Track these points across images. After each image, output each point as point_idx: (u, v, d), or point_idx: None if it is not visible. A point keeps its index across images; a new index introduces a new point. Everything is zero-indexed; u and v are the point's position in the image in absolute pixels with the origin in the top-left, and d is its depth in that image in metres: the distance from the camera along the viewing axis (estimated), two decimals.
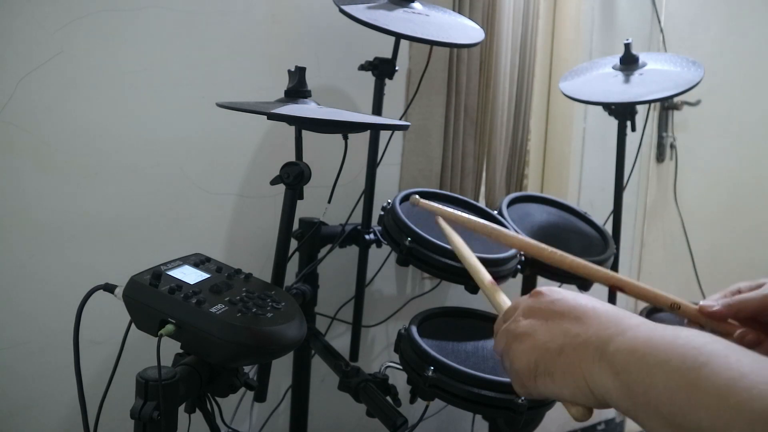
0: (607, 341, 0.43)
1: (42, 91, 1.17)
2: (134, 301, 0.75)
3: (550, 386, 0.47)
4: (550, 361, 0.47)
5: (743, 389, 0.33)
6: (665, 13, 2.15)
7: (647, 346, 0.40)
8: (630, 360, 0.41)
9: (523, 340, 0.50)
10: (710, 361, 0.36)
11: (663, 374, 0.38)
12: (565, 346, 0.46)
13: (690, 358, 0.37)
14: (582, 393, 0.45)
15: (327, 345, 1.25)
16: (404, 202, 1.28)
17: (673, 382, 0.37)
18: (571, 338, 0.46)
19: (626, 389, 0.40)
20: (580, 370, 0.44)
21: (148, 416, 0.69)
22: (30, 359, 1.21)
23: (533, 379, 0.48)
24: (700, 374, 0.36)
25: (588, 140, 2.04)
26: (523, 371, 0.49)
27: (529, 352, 0.49)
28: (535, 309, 0.51)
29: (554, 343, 0.47)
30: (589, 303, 0.48)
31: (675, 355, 0.38)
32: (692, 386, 0.36)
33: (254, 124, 1.40)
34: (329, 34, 1.47)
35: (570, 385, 0.45)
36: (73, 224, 1.23)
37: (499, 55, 1.75)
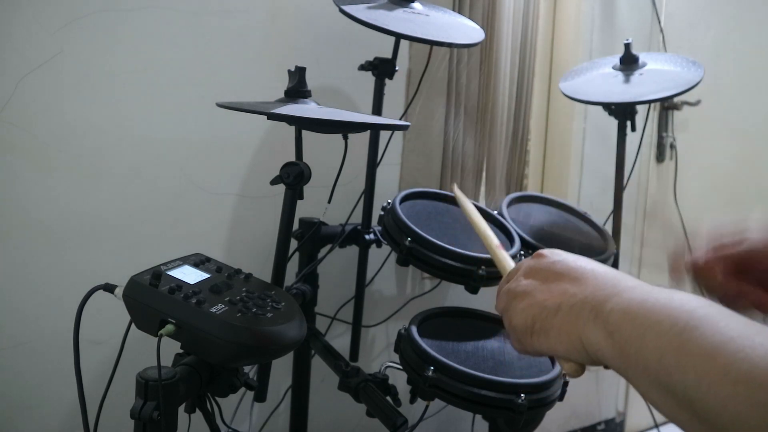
0: (602, 301, 0.44)
1: (42, 91, 1.17)
2: (134, 301, 0.75)
3: (545, 343, 0.49)
4: (546, 319, 0.48)
5: (730, 352, 0.34)
6: (665, 13, 2.15)
7: (641, 307, 0.41)
8: (623, 320, 0.41)
9: (522, 299, 0.51)
10: (700, 324, 0.36)
11: (654, 335, 0.39)
12: (562, 305, 0.47)
13: (681, 320, 0.38)
14: (576, 350, 0.46)
15: (327, 345, 1.25)
16: (404, 202, 1.28)
17: (662, 343, 0.38)
18: (568, 297, 0.47)
19: (618, 349, 0.41)
20: (575, 329, 0.46)
21: (148, 416, 0.69)
22: (30, 359, 1.21)
23: (529, 335, 0.50)
24: (689, 337, 0.36)
25: (588, 140, 2.04)
26: (520, 328, 0.51)
27: (527, 309, 0.50)
28: (535, 269, 0.52)
29: (552, 301, 0.48)
30: (589, 265, 0.50)
31: (666, 317, 0.39)
32: (681, 348, 0.36)
33: (254, 124, 1.40)
34: (329, 34, 1.47)
35: (564, 342, 0.47)
36: (73, 224, 1.23)
37: (499, 55, 1.75)
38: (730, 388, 0.33)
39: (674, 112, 2.25)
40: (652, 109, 2.15)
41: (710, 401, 0.34)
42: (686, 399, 0.35)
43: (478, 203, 1.39)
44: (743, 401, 0.32)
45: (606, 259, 1.37)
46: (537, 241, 1.32)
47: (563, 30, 2.04)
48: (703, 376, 0.34)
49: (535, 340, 0.49)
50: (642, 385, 0.40)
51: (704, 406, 0.34)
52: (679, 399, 0.36)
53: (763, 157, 2.54)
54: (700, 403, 0.34)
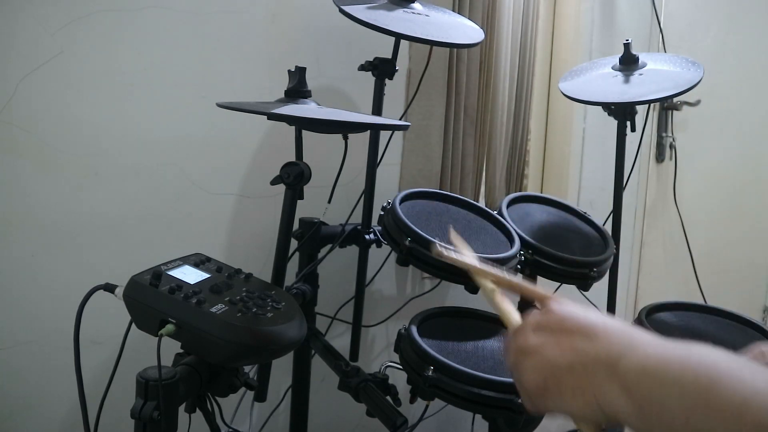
0: (617, 359, 0.43)
1: (42, 91, 1.17)
2: (134, 301, 0.76)
3: (560, 404, 0.47)
4: (559, 379, 0.47)
5: (759, 407, 0.33)
6: (665, 14, 2.15)
7: (659, 363, 0.40)
8: (642, 378, 0.41)
9: (531, 357, 0.49)
10: (724, 377, 0.36)
11: (677, 393, 0.38)
12: (574, 364, 0.46)
13: (703, 375, 0.37)
14: (592, 411, 0.45)
15: (327, 345, 1.25)
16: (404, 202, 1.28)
17: (688, 400, 0.37)
18: (581, 356, 0.46)
19: (639, 408, 0.40)
20: (590, 389, 0.44)
21: (148, 416, 0.69)
22: (30, 359, 1.21)
23: (542, 396, 0.48)
24: (715, 394, 0.36)
25: (588, 140, 2.04)
26: (532, 388, 0.49)
27: (538, 369, 0.48)
28: (543, 325, 0.50)
29: (564, 360, 0.47)
30: (599, 319, 0.48)
31: (688, 373, 0.38)
32: (707, 405, 0.36)
33: (254, 124, 1.40)
34: (329, 34, 1.47)
35: (580, 403, 0.45)
36: (73, 224, 1.23)
37: (499, 55, 1.75)
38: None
39: (674, 113, 2.25)
40: (651, 110, 2.15)
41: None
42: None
43: (477, 203, 1.39)
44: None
45: (606, 259, 1.37)
46: (537, 241, 1.32)
47: (563, 30, 2.04)
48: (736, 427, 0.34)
49: (549, 400, 0.48)
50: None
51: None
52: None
53: (762, 157, 2.54)
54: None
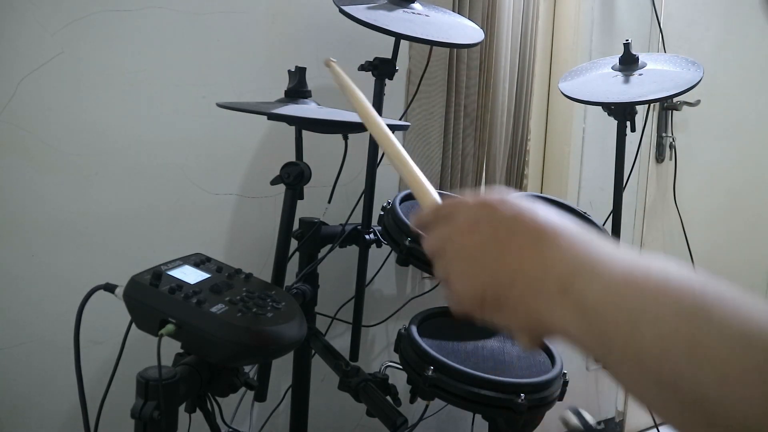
0: (574, 273, 0.36)
1: (43, 91, 1.17)
2: (135, 301, 0.76)
3: (498, 317, 0.41)
4: (499, 293, 0.40)
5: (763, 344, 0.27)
6: (664, 14, 2.15)
7: (628, 280, 0.33)
8: (605, 298, 0.33)
9: (468, 262, 0.42)
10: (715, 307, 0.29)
11: (650, 322, 0.31)
12: (517, 278, 0.38)
13: (688, 301, 0.30)
14: (532, 327, 0.39)
15: (327, 345, 1.25)
16: (404, 202, 1.28)
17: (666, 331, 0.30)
18: (526, 268, 0.38)
19: (597, 332, 0.34)
20: (534, 305, 0.38)
21: (148, 416, 0.69)
22: (31, 359, 1.21)
23: (479, 306, 0.41)
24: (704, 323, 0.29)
25: (588, 140, 2.04)
26: (467, 297, 0.42)
27: (475, 278, 0.41)
28: (483, 222, 0.42)
29: (506, 272, 0.39)
30: (550, 221, 0.39)
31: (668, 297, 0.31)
32: (694, 339, 0.29)
33: (254, 125, 1.40)
34: (329, 34, 1.47)
35: (522, 320, 0.39)
36: (73, 224, 1.23)
37: (499, 55, 1.75)
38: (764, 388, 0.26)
39: (673, 113, 2.25)
40: (651, 110, 2.15)
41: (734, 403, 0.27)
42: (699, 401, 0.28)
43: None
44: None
45: None
46: None
47: (563, 30, 2.04)
48: (726, 374, 0.27)
49: (486, 312, 0.41)
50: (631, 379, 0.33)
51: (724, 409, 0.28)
52: (686, 399, 0.29)
53: (761, 157, 2.54)
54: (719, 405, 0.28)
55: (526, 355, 1.18)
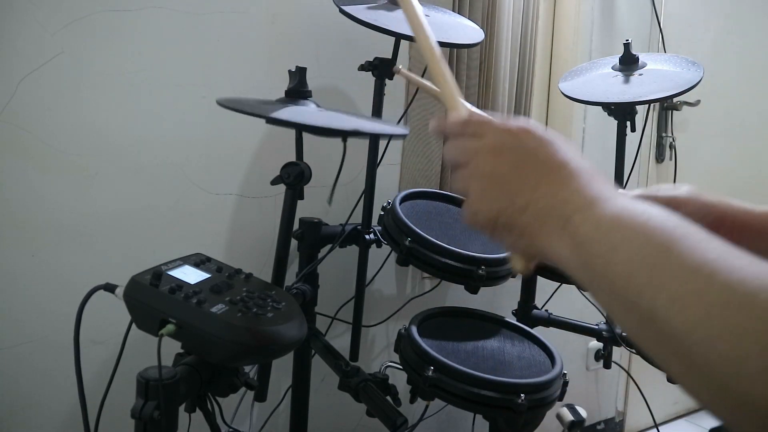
0: (574, 210, 0.42)
1: (42, 91, 1.17)
2: (135, 301, 0.76)
3: (506, 237, 0.47)
4: (511, 217, 0.45)
5: (706, 275, 0.33)
6: (664, 14, 2.15)
7: (614, 222, 0.39)
8: (594, 233, 0.40)
9: (488, 183, 0.47)
10: (678, 244, 0.35)
11: (626, 252, 0.37)
12: (530, 204, 0.44)
13: (657, 239, 0.36)
14: (534, 252, 0.45)
15: (327, 345, 1.25)
16: (404, 202, 1.28)
17: (635, 260, 0.36)
18: (539, 197, 0.44)
19: (584, 262, 0.40)
20: (539, 234, 0.44)
21: (148, 416, 0.69)
22: (30, 359, 1.21)
23: (491, 227, 0.47)
24: (666, 256, 0.35)
25: (588, 140, 2.04)
26: (482, 216, 0.47)
27: (493, 200, 0.46)
28: (508, 149, 0.47)
29: (521, 198, 0.45)
30: (572, 159, 0.45)
31: (642, 234, 0.37)
32: (655, 267, 0.35)
33: (255, 125, 1.40)
34: (329, 34, 1.47)
35: (525, 244, 0.45)
36: (73, 224, 1.23)
37: (499, 55, 1.75)
38: (703, 311, 0.32)
39: (674, 113, 2.25)
40: (651, 110, 2.15)
41: (680, 323, 0.33)
42: (652, 318, 0.34)
43: None
44: (717, 325, 0.31)
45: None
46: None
47: (563, 30, 2.04)
48: (676, 297, 0.33)
49: (497, 233, 0.47)
50: (605, 300, 0.39)
51: (672, 327, 0.33)
52: (644, 317, 0.35)
53: (762, 157, 2.54)
54: (669, 323, 0.33)
55: (526, 355, 1.19)
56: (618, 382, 2.29)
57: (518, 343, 1.24)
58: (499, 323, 1.31)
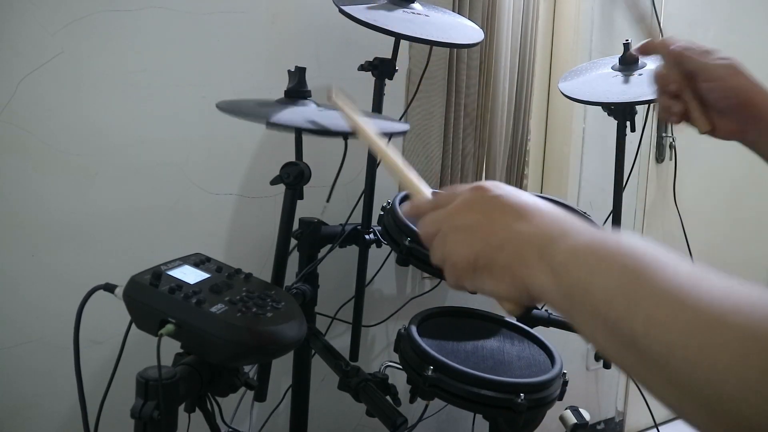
0: (549, 241, 0.43)
1: (43, 91, 1.17)
2: (134, 301, 0.76)
3: (488, 281, 0.47)
4: (489, 256, 0.46)
5: (680, 296, 0.34)
6: (665, 14, 2.15)
7: (589, 249, 0.41)
8: (571, 262, 0.41)
9: (463, 233, 0.48)
10: (650, 269, 0.36)
11: (602, 278, 0.38)
12: (505, 243, 0.46)
13: (630, 262, 0.37)
14: (518, 290, 0.45)
15: (327, 345, 1.25)
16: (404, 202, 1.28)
17: (612, 286, 0.37)
18: (513, 234, 0.46)
19: (564, 290, 0.41)
20: (519, 269, 0.44)
21: (148, 416, 0.69)
22: (30, 359, 1.21)
23: (471, 272, 0.48)
24: (639, 281, 0.36)
25: (588, 140, 2.04)
26: (461, 264, 0.48)
27: (469, 245, 0.48)
28: (477, 202, 0.49)
29: (496, 238, 0.46)
30: (533, 202, 0.48)
31: (617, 259, 0.38)
32: (630, 293, 0.36)
33: (254, 124, 1.40)
34: (329, 34, 1.47)
35: (508, 282, 0.46)
36: (73, 224, 1.23)
37: (499, 55, 1.75)
38: (678, 332, 0.33)
39: None
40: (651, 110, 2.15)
41: (659, 344, 0.34)
42: (633, 342, 0.35)
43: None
44: (693, 346, 0.32)
45: None
46: None
47: (563, 30, 2.04)
48: (652, 321, 0.34)
49: (477, 278, 0.48)
50: (587, 327, 0.40)
51: (652, 351, 0.34)
52: (625, 342, 0.36)
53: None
54: (648, 347, 0.34)
55: (526, 355, 1.19)
56: (618, 382, 2.29)
57: (518, 342, 1.24)
58: (498, 323, 1.31)
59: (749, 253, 2.58)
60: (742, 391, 0.30)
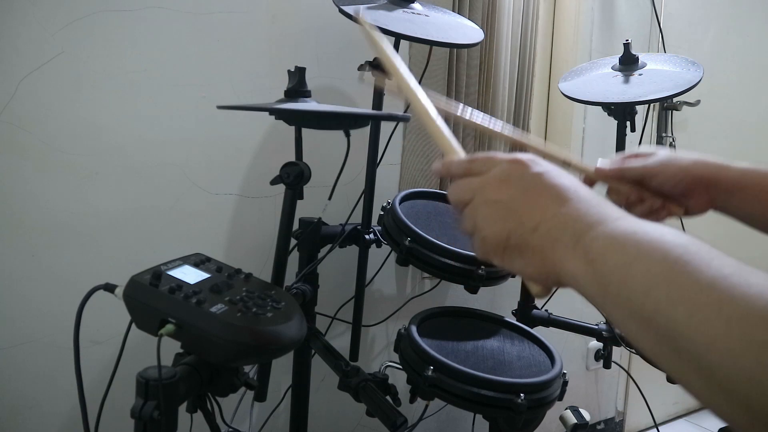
0: (586, 228, 0.42)
1: (43, 91, 1.17)
2: (134, 301, 0.76)
3: (517, 261, 0.46)
4: (522, 237, 0.45)
5: (725, 288, 0.33)
6: (664, 14, 2.15)
7: (630, 237, 0.39)
8: (608, 249, 0.40)
9: (497, 207, 0.47)
10: (694, 259, 0.35)
11: (642, 266, 0.37)
12: (541, 224, 0.44)
13: (673, 253, 0.36)
14: (546, 274, 0.44)
15: (327, 345, 1.25)
16: (404, 202, 1.28)
17: (652, 275, 0.36)
18: (549, 217, 0.44)
19: (598, 278, 0.40)
20: (551, 253, 0.43)
21: (148, 416, 0.69)
22: (30, 359, 1.21)
23: (501, 250, 0.46)
24: (682, 270, 0.35)
25: (588, 140, 2.04)
26: (492, 240, 0.47)
27: (502, 221, 0.46)
28: (515, 177, 0.47)
29: (531, 218, 0.45)
30: (573, 185, 0.46)
31: (657, 249, 0.37)
32: (673, 281, 0.35)
33: (254, 124, 1.40)
34: (329, 34, 1.47)
35: (537, 265, 0.44)
36: (73, 224, 1.23)
37: (499, 55, 1.75)
38: (723, 325, 0.32)
39: (673, 113, 2.25)
40: (651, 110, 2.15)
41: (699, 337, 0.33)
42: (670, 334, 0.34)
43: None
44: (736, 339, 0.31)
45: None
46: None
47: (563, 30, 2.04)
48: (695, 311, 0.33)
49: (507, 256, 0.46)
50: (620, 316, 0.39)
51: (691, 342, 0.33)
52: (661, 333, 0.35)
53: (762, 157, 2.54)
54: (687, 338, 0.33)
55: (526, 355, 1.19)
56: (618, 382, 2.29)
57: (518, 342, 1.24)
58: (498, 323, 1.31)
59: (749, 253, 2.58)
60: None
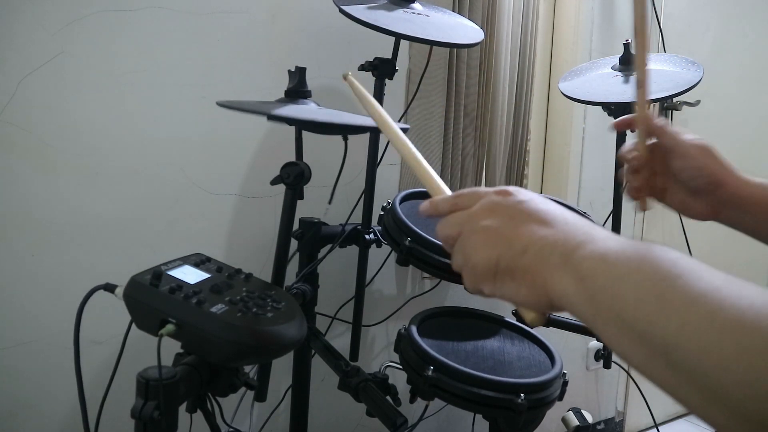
0: (574, 247, 0.42)
1: (42, 91, 1.17)
2: (135, 301, 0.76)
3: (508, 286, 0.46)
4: (512, 259, 0.45)
5: (716, 300, 0.33)
6: (664, 14, 2.15)
7: (619, 255, 0.40)
8: (598, 267, 0.40)
9: (485, 234, 0.47)
10: (684, 273, 0.36)
11: (633, 283, 0.38)
12: (530, 246, 0.45)
13: (663, 269, 0.37)
14: (538, 296, 0.44)
15: (327, 345, 1.25)
16: (404, 202, 1.28)
17: (643, 291, 0.37)
18: (537, 239, 0.45)
19: (589, 296, 0.40)
20: (541, 273, 0.44)
21: (148, 416, 0.69)
22: (30, 359, 1.21)
23: (492, 275, 0.47)
24: (673, 284, 0.36)
25: (588, 140, 2.04)
26: (482, 266, 0.47)
27: (491, 247, 0.46)
28: (501, 206, 0.48)
29: (519, 242, 0.45)
30: (558, 209, 0.47)
31: (647, 265, 0.38)
32: (663, 296, 0.36)
33: (254, 124, 1.40)
34: (329, 34, 1.47)
35: (528, 287, 0.45)
36: (73, 224, 1.23)
37: (499, 55, 1.75)
38: (716, 334, 0.32)
39: (674, 113, 2.25)
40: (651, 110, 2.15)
41: (692, 349, 0.33)
42: (663, 347, 0.35)
43: None
44: (729, 347, 0.32)
45: None
46: None
47: (563, 30, 2.04)
48: (687, 322, 0.34)
49: (498, 282, 0.46)
50: (612, 333, 0.39)
51: (684, 353, 0.34)
52: (654, 347, 0.36)
53: (762, 157, 2.54)
54: (680, 351, 0.34)
55: (526, 355, 1.19)
56: (618, 382, 2.29)
57: (518, 342, 1.24)
58: (499, 323, 1.31)
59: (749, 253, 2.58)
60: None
